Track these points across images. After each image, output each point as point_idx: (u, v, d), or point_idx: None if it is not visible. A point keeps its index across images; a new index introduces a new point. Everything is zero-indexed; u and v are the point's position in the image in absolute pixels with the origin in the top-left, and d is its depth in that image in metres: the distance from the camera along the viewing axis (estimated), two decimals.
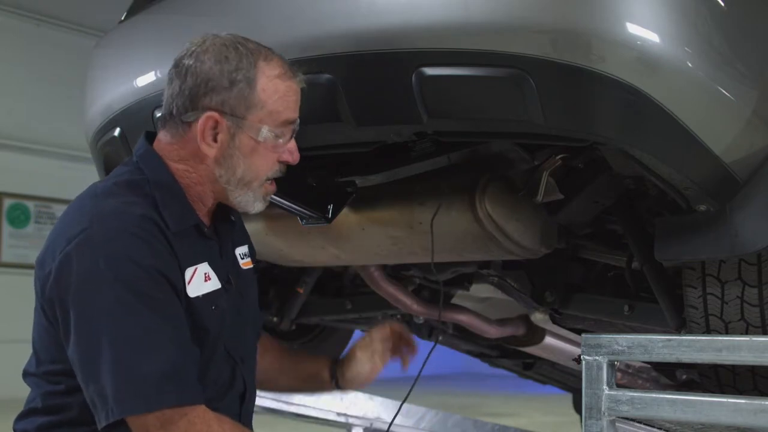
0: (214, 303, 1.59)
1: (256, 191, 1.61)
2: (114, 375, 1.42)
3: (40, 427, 1.56)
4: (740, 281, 1.78)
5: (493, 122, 1.62)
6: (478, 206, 1.91)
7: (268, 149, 1.58)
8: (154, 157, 1.60)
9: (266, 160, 1.59)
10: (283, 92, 1.57)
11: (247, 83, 1.54)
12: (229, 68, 1.54)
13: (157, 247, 1.49)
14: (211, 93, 1.54)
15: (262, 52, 1.58)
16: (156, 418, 1.43)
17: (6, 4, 8.53)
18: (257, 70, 1.55)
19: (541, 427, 6.21)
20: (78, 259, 1.46)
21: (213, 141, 1.56)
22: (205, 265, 1.59)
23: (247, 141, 1.57)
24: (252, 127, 1.56)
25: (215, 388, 1.61)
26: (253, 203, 1.63)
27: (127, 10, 2.27)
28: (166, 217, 1.54)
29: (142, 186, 1.57)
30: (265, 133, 1.56)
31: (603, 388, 1.40)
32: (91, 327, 1.44)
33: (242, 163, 1.58)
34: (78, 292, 1.45)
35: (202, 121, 1.54)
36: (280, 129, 1.58)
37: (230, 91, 1.54)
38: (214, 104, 1.55)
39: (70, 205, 1.58)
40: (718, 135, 1.59)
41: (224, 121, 1.55)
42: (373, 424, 2.87)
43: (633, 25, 1.47)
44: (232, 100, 1.55)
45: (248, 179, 1.59)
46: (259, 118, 1.56)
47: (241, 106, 1.55)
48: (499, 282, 2.32)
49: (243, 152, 1.57)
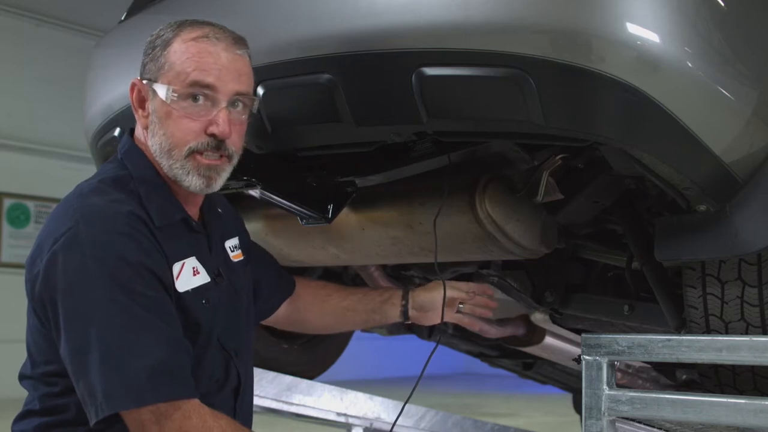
0: (204, 297, 1.59)
1: (182, 163, 1.55)
2: (103, 371, 1.42)
3: (37, 428, 1.55)
4: (740, 281, 1.78)
5: (493, 122, 1.62)
6: (478, 206, 1.91)
7: (182, 114, 1.54)
8: (136, 153, 1.61)
9: (181, 126, 1.54)
10: (193, 53, 1.54)
11: (162, 47, 1.56)
12: (155, 37, 1.58)
13: (144, 244, 1.49)
14: (142, 65, 1.60)
15: (195, 22, 1.58)
16: (150, 412, 1.43)
17: (6, 4, 8.52)
18: (174, 35, 1.56)
19: (541, 427, 6.20)
20: (65, 257, 1.46)
21: (143, 110, 1.59)
22: (193, 260, 1.59)
23: (161, 105, 1.55)
24: (161, 89, 1.54)
25: (210, 382, 1.61)
26: (187, 177, 1.56)
27: (127, 10, 2.27)
28: (150, 212, 1.54)
29: (126, 182, 1.57)
30: (170, 93, 1.53)
31: (603, 388, 1.41)
32: (80, 324, 1.44)
33: (159, 128, 1.56)
34: (66, 290, 1.45)
35: (130, 90, 1.59)
36: (189, 90, 1.53)
37: (149, 56, 1.57)
38: (141, 73, 1.59)
39: (57, 206, 1.58)
40: (718, 135, 1.59)
41: (144, 86, 1.57)
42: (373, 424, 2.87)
43: (633, 25, 1.47)
44: (149, 65, 1.57)
45: (167, 147, 1.55)
46: (168, 80, 1.54)
47: (154, 68, 1.56)
48: (499, 282, 2.32)
49: (159, 116, 1.56)
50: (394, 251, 2.14)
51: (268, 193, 1.93)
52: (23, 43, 8.72)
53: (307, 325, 2.12)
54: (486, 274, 2.35)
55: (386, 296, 2.08)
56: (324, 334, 2.14)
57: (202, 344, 1.59)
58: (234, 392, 1.69)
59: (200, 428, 1.45)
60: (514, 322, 2.67)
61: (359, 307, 2.08)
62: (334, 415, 2.81)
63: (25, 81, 8.79)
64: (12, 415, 1.62)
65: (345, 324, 2.14)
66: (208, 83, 1.54)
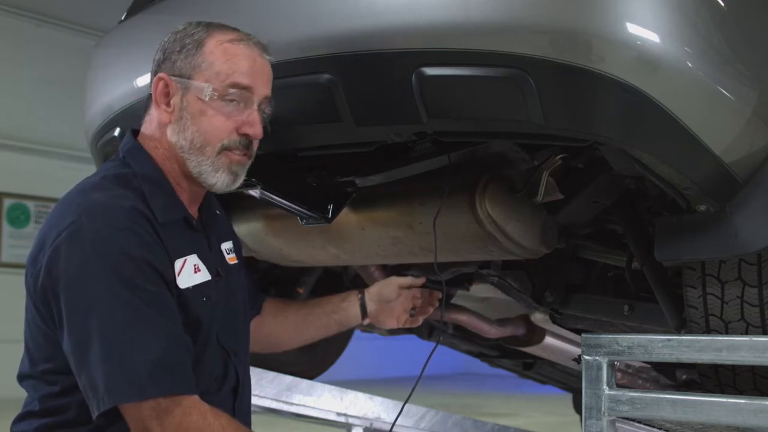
0: (205, 294, 1.60)
1: (213, 159, 1.59)
2: (106, 364, 1.42)
3: (38, 429, 1.56)
4: (740, 281, 1.78)
5: (493, 122, 1.62)
6: (478, 206, 1.91)
7: (217, 112, 1.57)
8: (140, 152, 1.62)
9: (216, 123, 1.58)
10: (232, 54, 1.58)
11: (195, 45, 1.58)
12: (182, 35, 1.60)
13: (147, 239, 1.50)
14: (166, 61, 1.60)
15: (224, 25, 1.61)
16: (151, 407, 1.43)
17: (6, 4, 8.53)
18: (208, 35, 1.59)
19: (541, 427, 6.20)
20: (68, 251, 1.46)
21: (167, 106, 1.59)
22: (195, 257, 1.60)
23: (195, 101, 1.57)
24: (198, 87, 1.57)
25: (209, 380, 1.62)
26: (214, 174, 1.59)
27: (127, 10, 2.27)
28: (153, 208, 1.55)
29: (129, 179, 1.58)
30: (209, 91, 1.56)
31: (603, 388, 1.41)
32: (82, 318, 1.45)
33: (191, 125, 1.58)
34: (69, 283, 1.46)
35: (153, 84, 1.59)
36: (229, 91, 1.57)
37: (180, 53, 1.58)
38: (165, 69, 1.59)
39: (58, 202, 1.58)
40: (718, 135, 1.59)
41: (173, 82, 1.58)
42: (373, 424, 2.87)
43: (633, 25, 1.47)
44: (180, 62, 1.58)
45: (199, 143, 1.58)
46: (205, 78, 1.57)
47: (188, 66, 1.58)
48: (499, 282, 2.32)
49: (191, 113, 1.58)
50: (394, 251, 2.14)
51: (268, 193, 1.93)
52: (23, 43, 8.73)
53: (272, 338, 2.07)
54: (486, 274, 2.35)
55: (344, 296, 2.11)
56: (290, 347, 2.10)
57: (203, 342, 1.60)
58: (233, 392, 1.69)
59: (200, 424, 1.45)
60: (514, 322, 2.67)
61: (317, 310, 2.08)
62: (334, 415, 2.81)
63: (25, 81, 8.79)
64: (12, 415, 1.62)
65: (307, 330, 2.09)
66: (247, 85, 1.59)
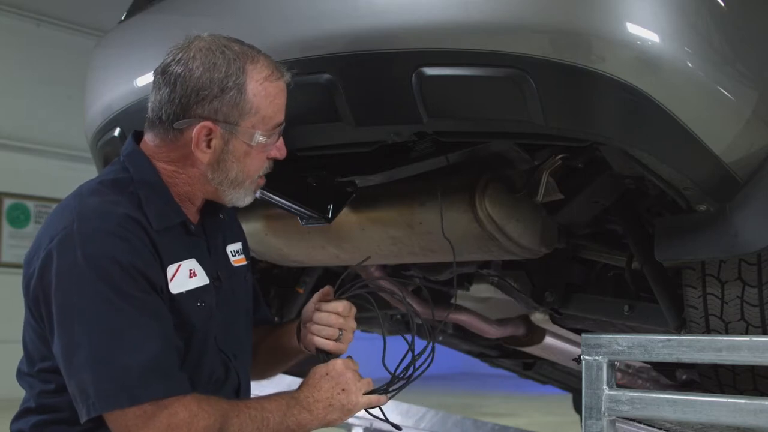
0: (200, 299, 1.60)
1: (247, 188, 1.65)
2: (95, 370, 1.43)
3: (34, 426, 1.57)
4: (740, 281, 1.78)
5: (493, 122, 1.62)
6: (478, 206, 1.91)
7: (259, 151, 1.61)
8: (140, 157, 1.61)
9: (258, 161, 1.62)
10: (273, 95, 1.59)
11: (237, 90, 1.55)
12: (219, 76, 1.55)
13: (137, 246, 1.50)
14: (202, 102, 1.55)
15: (248, 54, 1.58)
16: (135, 416, 1.44)
17: (6, 4, 8.52)
18: (246, 75, 1.56)
19: (541, 427, 6.20)
20: (59, 256, 1.48)
21: (207, 147, 1.57)
22: (191, 262, 1.61)
23: (241, 146, 1.58)
24: (245, 133, 1.57)
25: (210, 382, 1.63)
26: (244, 198, 1.66)
27: (127, 10, 2.27)
28: (149, 214, 1.55)
29: (126, 185, 1.58)
30: (258, 137, 1.58)
31: (603, 388, 1.40)
32: (71, 323, 1.46)
33: (235, 166, 1.60)
34: (59, 288, 1.47)
35: (196, 130, 1.55)
36: (273, 131, 1.61)
37: (222, 99, 1.55)
38: (207, 113, 1.55)
39: (57, 206, 1.60)
40: (718, 135, 1.59)
41: (218, 128, 1.56)
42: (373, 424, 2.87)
43: (633, 25, 1.47)
44: (224, 108, 1.55)
45: (241, 179, 1.62)
46: (251, 124, 1.57)
47: (234, 113, 1.56)
48: (499, 282, 2.32)
49: (236, 156, 1.59)
50: (394, 251, 2.14)
51: (268, 193, 1.93)
52: (23, 43, 8.72)
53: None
54: (486, 274, 2.35)
55: (284, 327, 1.91)
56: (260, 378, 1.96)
57: (199, 346, 1.60)
58: (235, 394, 1.70)
59: (187, 419, 1.47)
60: (514, 322, 2.67)
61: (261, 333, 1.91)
62: None
63: (25, 81, 8.79)
64: (12, 415, 1.62)
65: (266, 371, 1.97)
66: (282, 120, 1.62)
